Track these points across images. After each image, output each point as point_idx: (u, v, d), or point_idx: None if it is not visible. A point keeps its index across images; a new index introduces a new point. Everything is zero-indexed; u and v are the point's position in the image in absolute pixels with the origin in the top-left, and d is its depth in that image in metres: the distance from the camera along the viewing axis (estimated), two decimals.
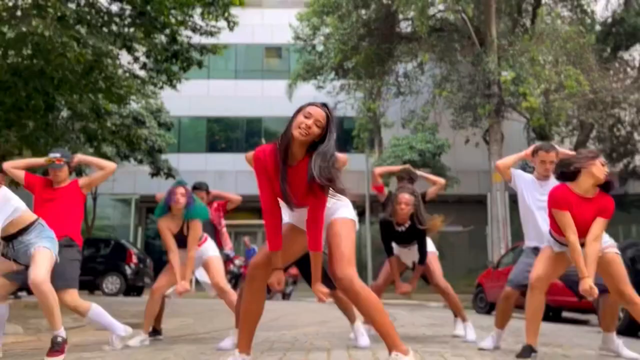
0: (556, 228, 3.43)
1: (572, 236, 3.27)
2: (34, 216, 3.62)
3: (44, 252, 3.46)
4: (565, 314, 9.77)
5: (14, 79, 6.24)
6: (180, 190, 4.30)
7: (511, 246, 13.29)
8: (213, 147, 24.20)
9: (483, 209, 16.63)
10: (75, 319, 6.85)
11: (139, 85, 8.91)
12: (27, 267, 3.51)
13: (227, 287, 4.51)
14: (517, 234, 11.03)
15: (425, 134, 15.36)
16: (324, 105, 2.62)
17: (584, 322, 9.32)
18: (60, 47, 5.35)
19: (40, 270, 3.35)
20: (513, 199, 17.87)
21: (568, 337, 5.24)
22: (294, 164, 2.56)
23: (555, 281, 9.30)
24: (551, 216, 3.46)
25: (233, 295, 4.35)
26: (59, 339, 3.40)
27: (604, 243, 3.44)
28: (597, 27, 17.94)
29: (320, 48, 18.68)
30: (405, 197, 4.41)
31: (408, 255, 4.74)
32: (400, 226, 4.51)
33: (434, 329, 5.65)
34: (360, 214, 21.09)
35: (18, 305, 8.24)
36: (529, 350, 3.45)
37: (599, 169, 3.33)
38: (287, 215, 2.77)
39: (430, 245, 4.78)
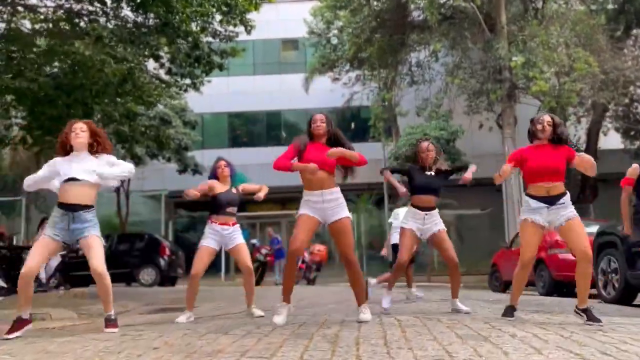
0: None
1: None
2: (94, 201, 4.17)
3: (99, 242, 4.08)
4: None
5: (57, 93, 6.99)
6: (222, 162, 5.27)
7: None
8: (235, 141, 24.95)
9: (500, 191, 17.04)
10: (121, 306, 7.66)
11: (164, 89, 9.60)
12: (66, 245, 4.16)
13: (251, 265, 5.32)
14: None
15: (439, 121, 15.82)
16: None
17: (593, 296, 9.75)
18: (99, 64, 6.07)
19: (102, 260, 4.02)
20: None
21: (563, 307, 5.77)
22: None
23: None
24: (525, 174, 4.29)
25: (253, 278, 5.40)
26: (113, 317, 4.08)
27: (569, 213, 4.08)
28: (610, 6, 18.00)
29: (334, 41, 19.20)
30: (424, 144, 5.28)
31: (424, 226, 5.08)
32: (428, 170, 5.15)
33: (442, 303, 6.23)
34: (379, 202, 21.65)
35: (69, 295, 9.10)
36: (512, 309, 4.30)
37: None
38: (305, 210, 4.17)
39: (442, 223, 5.18)
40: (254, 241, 16.29)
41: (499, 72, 15.57)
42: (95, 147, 4.20)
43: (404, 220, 5.18)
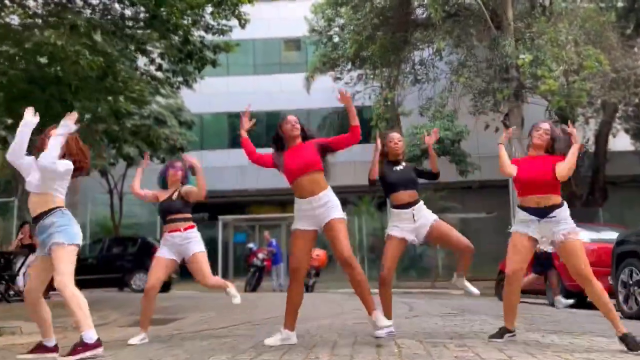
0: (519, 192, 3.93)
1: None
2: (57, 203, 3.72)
3: (61, 252, 3.60)
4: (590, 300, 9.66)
5: (31, 87, 6.47)
6: (178, 165, 4.71)
7: None
8: (235, 142, 24.47)
9: (507, 193, 16.44)
10: (101, 317, 7.13)
11: (153, 87, 9.10)
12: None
13: (212, 280, 4.68)
14: None
15: (443, 121, 15.23)
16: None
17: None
18: (73, 55, 5.55)
19: (62, 275, 3.56)
20: None
21: (581, 324, 5.22)
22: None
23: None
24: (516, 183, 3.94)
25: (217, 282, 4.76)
26: (78, 342, 3.55)
27: (564, 231, 3.73)
28: (619, 4, 17.43)
29: (335, 39, 18.67)
30: (396, 134, 4.57)
31: (416, 224, 4.30)
32: (397, 165, 4.45)
33: (447, 319, 5.68)
34: (381, 205, 21.07)
35: (49, 305, 8.53)
36: (503, 331, 3.91)
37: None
38: (299, 224, 3.91)
39: (430, 214, 4.39)
40: (250, 245, 15.76)
41: (505, 71, 14.99)
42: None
43: (390, 227, 4.36)
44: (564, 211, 3.78)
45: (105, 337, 5.28)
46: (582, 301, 9.30)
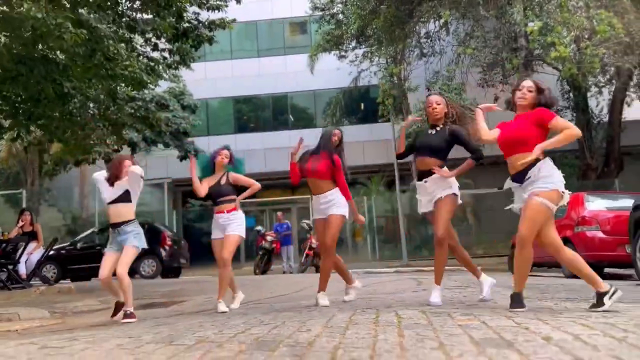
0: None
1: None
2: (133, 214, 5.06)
3: (130, 250, 4.92)
4: (607, 270, 9.34)
5: (18, 67, 6.25)
6: (225, 152, 5.25)
7: None
8: (241, 127, 24.25)
9: None
10: (103, 302, 7.00)
11: (149, 66, 8.85)
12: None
13: (229, 263, 5.01)
14: None
15: (451, 95, 14.80)
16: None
17: (628, 277, 8.88)
18: (55, 29, 5.31)
19: (122, 267, 4.81)
20: (551, 156, 17.12)
21: None
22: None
23: (595, 235, 8.78)
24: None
25: (228, 271, 5.03)
26: (128, 311, 4.76)
27: (536, 190, 3.47)
28: None
29: (339, 17, 18.24)
30: (434, 97, 4.47)
31: (427, 200, 4.29)
32: (433, 128, 4.41)
33: (455, 291, 5.43)
34: (390, 184, 20.76)
35: (52, 291, 8.46)
36: (519, 297, 3.59)
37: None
38: (315, 214, 4.95)
39: (454, 188, 4.21)
40: (258, 228, 15.58)
41: (514, 40, 14.52)
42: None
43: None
44: (539, 169, 3.46)
45: (101, 320, 5.16)
46: (599, 272, 8.98)
